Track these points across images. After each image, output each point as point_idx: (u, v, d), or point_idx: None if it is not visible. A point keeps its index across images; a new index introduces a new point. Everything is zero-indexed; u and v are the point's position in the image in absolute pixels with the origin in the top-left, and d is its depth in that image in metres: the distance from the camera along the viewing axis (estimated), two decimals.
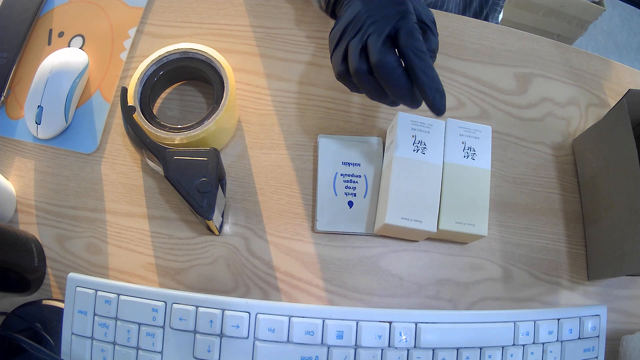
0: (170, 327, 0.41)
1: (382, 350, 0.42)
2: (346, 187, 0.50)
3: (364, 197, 0.49)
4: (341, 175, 0.50)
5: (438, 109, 0.37)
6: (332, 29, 0.43)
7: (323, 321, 0.41)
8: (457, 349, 0.42)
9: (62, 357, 0.41)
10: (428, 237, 0.49)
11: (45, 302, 0.45)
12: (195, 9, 0.58)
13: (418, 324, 0.42)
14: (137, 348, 0.41)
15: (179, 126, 0.46)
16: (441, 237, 0.49)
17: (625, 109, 0.45)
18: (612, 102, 0.58)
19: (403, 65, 0.39)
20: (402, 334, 0.42)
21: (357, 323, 0.42)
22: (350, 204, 0.49)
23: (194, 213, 0.43)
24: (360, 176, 0.50)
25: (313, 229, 0.49)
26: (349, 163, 0.50)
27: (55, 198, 0.49)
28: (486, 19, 0.74)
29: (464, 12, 0.70)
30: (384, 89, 0.40)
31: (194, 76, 0.52)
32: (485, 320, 0.43)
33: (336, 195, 0.49)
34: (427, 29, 0.41)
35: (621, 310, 0.50)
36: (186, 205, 0.41)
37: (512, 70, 0.58)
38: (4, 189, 0.48)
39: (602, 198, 0.50)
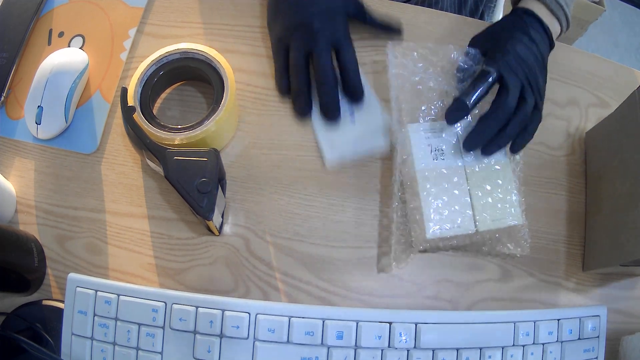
0: (170, 328, 0.41)
1: (382, 350, 0.42)
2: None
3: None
4: None
5: None
6: None
7: (323, 322, 0.42)
8: (457, 350, 0.42)
9: (62, 357, 0.41)
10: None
11: (45, 302, 0.45)
12: (195, 9, 0.58)
13: (418, 325, 0.42)
14: (137, 348, 0.41)
15: (179, 126, 0.46)
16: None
17: (636, 101, 0.46)
18: (612, 102, 0.58)
19: None
20: (402, 335, 0.42)
21: (357, 323, 0.42)
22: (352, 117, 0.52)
23: (194, 213, 0.43)
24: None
25: (323, 166, 0.50)
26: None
27: (55, 198, 0.49)
28: (482, 16, 0.73)
29: (459, 11, 0.69)
30: None
31: (194, 76, 0.52)
32: (485, 321, 0.43)
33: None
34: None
35: (621, 310, 0.50)
36: (186, 205, 0.41)
37: None
38: (4, 189, 0.48)
39: (605, 189, 0.50)
